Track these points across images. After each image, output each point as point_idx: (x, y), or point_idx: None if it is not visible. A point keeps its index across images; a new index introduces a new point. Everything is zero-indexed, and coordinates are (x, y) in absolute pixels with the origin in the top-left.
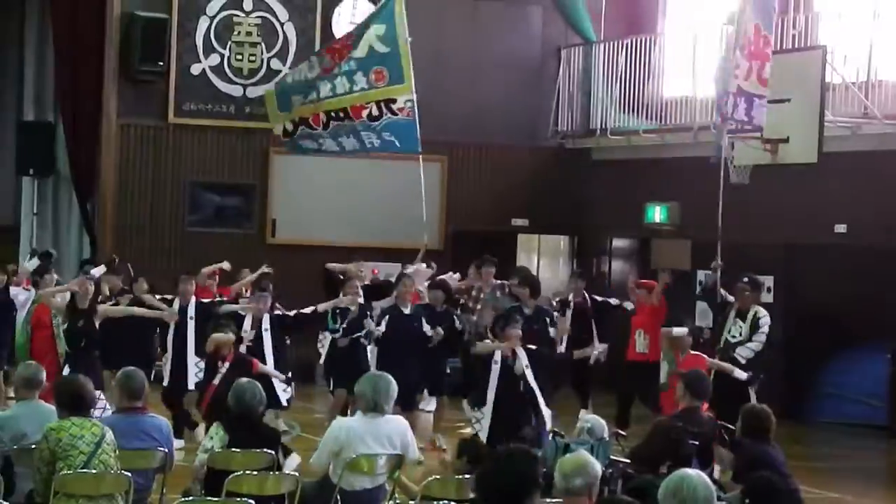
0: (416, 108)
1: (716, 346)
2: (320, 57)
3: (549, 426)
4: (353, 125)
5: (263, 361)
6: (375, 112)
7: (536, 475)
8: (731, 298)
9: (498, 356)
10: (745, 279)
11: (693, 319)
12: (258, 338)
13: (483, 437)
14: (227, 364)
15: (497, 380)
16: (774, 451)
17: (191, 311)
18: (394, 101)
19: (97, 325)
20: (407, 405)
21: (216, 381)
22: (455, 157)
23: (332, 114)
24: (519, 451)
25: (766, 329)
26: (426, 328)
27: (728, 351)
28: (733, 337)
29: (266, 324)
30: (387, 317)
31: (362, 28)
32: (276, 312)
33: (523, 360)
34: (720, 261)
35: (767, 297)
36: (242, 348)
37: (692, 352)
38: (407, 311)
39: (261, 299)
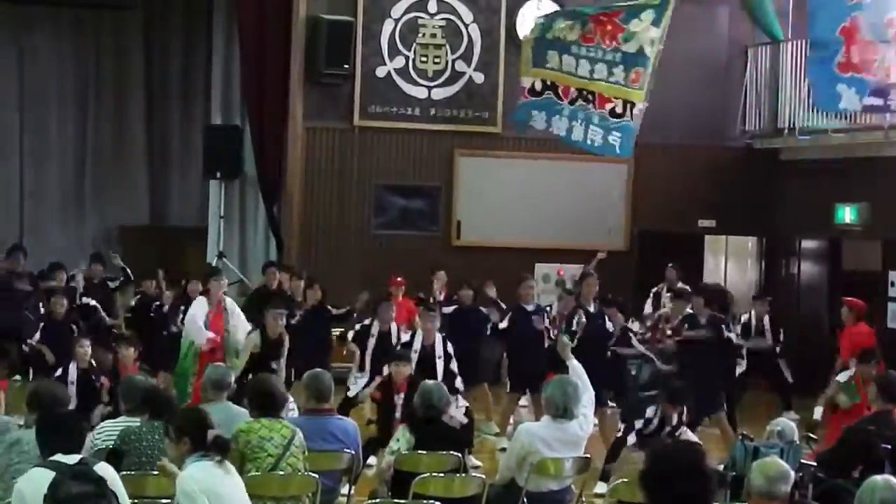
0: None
1: None
2: (583, 21)
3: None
4: (591, 114)
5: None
6: (619, 110)
7: (710, 470)
8: None
9: None
10: None
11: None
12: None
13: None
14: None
15: None
16: None
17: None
18: (634, 104)
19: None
20: (597, 402)
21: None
22: (641, 158)
23: (584, 93)
24: (688, 446)
25: None
26: (609, 326)
27: None
28: None
29: (439, 349)
30: (576, 315)
31: (636, 20)
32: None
33: None
34: None
35: None
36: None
37: None
38: (592, 309)
39: (429, 319)
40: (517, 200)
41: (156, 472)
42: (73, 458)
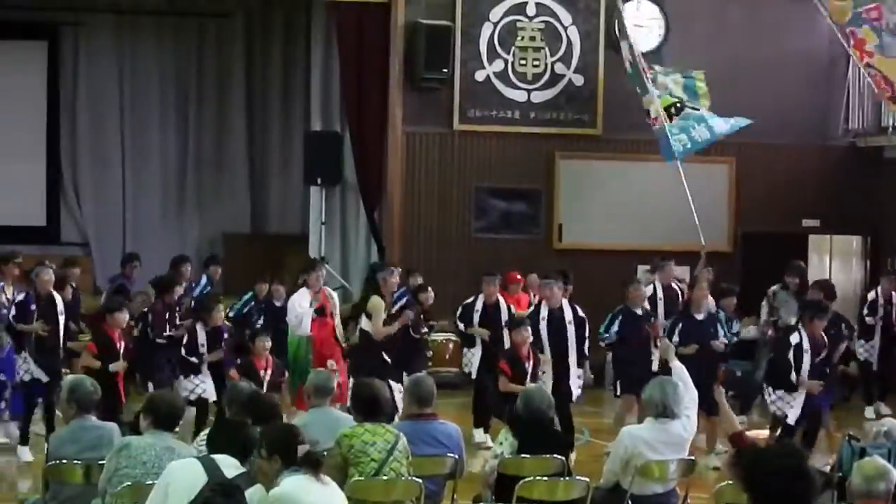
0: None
1: None
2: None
3: None
4: (697, 115)
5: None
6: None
7: (811, 472)
8: None
9: (807, 345)
10: None
11: None
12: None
13: (792, 419)
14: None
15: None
16: None
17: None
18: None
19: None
20: (710, 410)
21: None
22: (743, 158)
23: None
24: (792, 449)
25: None
26: (721, 332)
27: None
28: None
29: (568, 315)
30: (680, 324)
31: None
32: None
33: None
34: None
35: None
36: None
37: None
38: (700, 316)
39: (548, 287)
40: (618, 202)
41: None
42: (233, 468)
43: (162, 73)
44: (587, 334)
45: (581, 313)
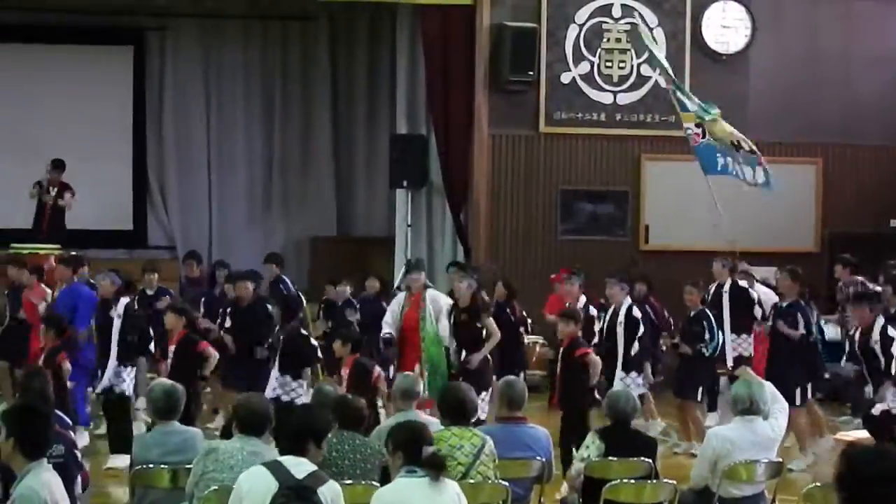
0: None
1: None
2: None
3: None
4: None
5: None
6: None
7: None
8: None
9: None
10: None
11: None
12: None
13: None
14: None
15: None
16: None
17: None
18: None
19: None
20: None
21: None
22: (830, 159)
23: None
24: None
25: None
26: (800, 323)
27: None
28: None
29: (622, 315)
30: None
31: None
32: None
33: None
34: None
35: None
36: None
37: None
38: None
39: (610, 286)
40: (705, 204)
41: (348, 482)
42: (302, 467)
43: (247, 77)
44: (638, 336)
45: (636, 313)
